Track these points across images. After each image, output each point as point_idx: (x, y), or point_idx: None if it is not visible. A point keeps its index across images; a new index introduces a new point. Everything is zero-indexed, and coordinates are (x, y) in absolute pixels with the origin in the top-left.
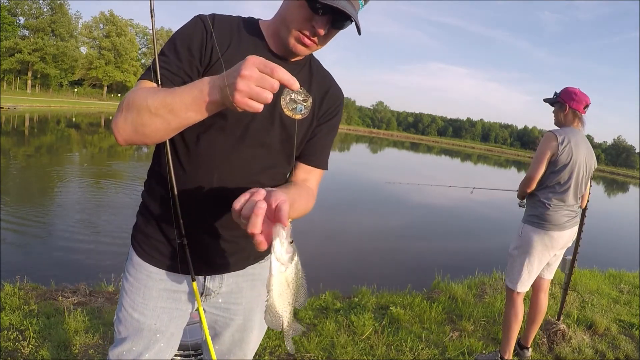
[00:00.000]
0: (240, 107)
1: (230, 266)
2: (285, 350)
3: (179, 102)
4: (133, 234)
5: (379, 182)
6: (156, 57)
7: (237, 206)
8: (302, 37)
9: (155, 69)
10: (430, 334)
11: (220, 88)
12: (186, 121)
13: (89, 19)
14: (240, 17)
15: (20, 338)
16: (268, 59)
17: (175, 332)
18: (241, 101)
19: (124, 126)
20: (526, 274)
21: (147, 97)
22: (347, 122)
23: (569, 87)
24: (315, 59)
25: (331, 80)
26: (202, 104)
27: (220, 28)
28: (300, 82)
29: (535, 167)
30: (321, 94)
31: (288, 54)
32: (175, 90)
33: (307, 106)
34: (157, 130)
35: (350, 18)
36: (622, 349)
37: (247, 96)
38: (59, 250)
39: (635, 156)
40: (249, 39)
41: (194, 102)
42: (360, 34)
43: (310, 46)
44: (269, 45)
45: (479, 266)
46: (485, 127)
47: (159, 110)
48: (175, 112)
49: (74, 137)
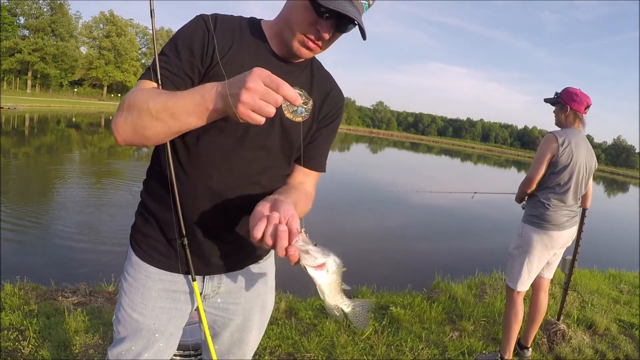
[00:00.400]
0: (242, 118)
1: (229, 266)
2: (285, 350)
3: (181, 106)
4: (132, 234)
5: (378, 182)
6: (156, 57)
7: (258, 235)
8: (306, 40)
9: (156, 69)
10: (430, 334)
11: (223, 96)
12: (187, 126)
13: (89, 19)
14: (243, 18)
15: (20, 338)
16: (270, 60)
17: (174, 332)
18: (244, 113)
19: (124, 127)
20: (526, 273)
21: (149, 99)
22: (347, 122)
23: (569, 88)
24: (316, 60)
25: (332, 83)
26: (204, 111)
27: (222, 28)
28: (302, 83)
29: (535, 168)
30: (322, 97)
31: (290, 56)
32: (177, 95)
33: (307, 109)
34: (157, 133)
35: (355, 22)
36: (622, 349)
37: (251, 109)
38: (59, 250)
39: (635, 156)
40: (251, 40)
41: (195, 108)
42: (365, 38)
43: (314, 49)
44: (271, 46)
45: (479, 266)
46: (485, 127)
47: (160, 113)
48: (176, 117)
49: (74, 137)
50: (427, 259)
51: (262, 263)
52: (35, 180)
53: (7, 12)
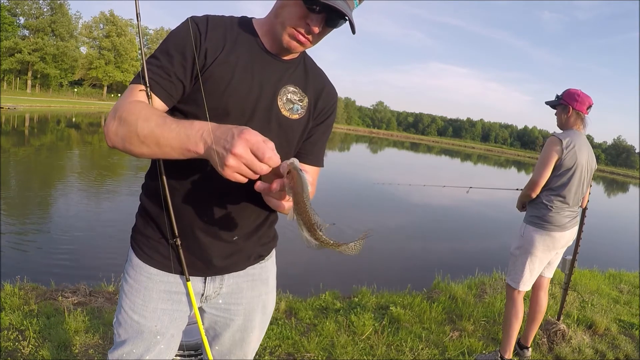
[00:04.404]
0: (226, 177)
1: (231, 267)
2: (285, 350)
3: (166, 138)
4: (132, 236)
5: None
6: (143, 61)
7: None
8: (296, 34)
9: (144, 75)
10: (430, 334)
11: (207, 147)
12: (169, 156)
13: (89, 19)
14: (234, 17)
15: (20, 338)
16: (263, 57)
17: (176, 334)
18: (230, 175)
19: (115, 138)
20: (528, 273)
21: (138, 120)
22: (347, 122)
23: (571, 89)
24: (309, 57)
25: (325, 79)
26: (185, 152)
27: (214, 30)
28: (296, 80)
29: (540, 171)
30: (317, 93)
31: (282, 52)
32: (166, 125)
33: (303, 106)
34: (142, 154)
35: (345, 17)
36: (622, 349)
37: (236, 172)
38: (59, 250)
39: (635, 156)
40: (243, 38)
41: (179, 146)
42: (354, 32)
43: (305, 43)
44: (263, 43)
45: (479, 266)
46: (485, 127)
47: (147, 139)
48: (160, 147)
49: (74, 137)
50: (427, 259)
51: (264, 263)
52: (35, 180)
53: (7, 12)
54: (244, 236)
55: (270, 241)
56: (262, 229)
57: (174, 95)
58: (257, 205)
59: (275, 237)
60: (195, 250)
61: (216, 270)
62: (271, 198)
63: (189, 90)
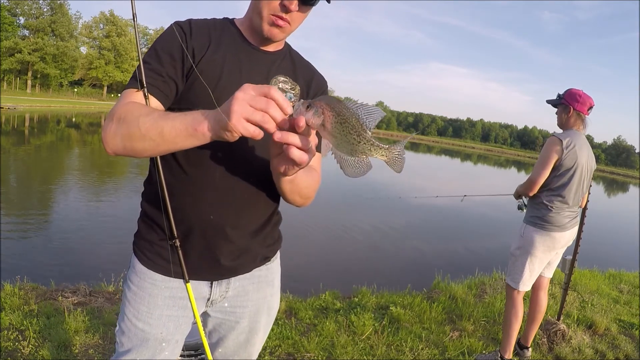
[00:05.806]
0: (236, 130)
1: (238, 268)
2: (285, 350)
3: (170, 126)
4: (135, 241)
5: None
6: (140, 61)
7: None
8: (274, 19)
9: (141, 78)
10: (430, 334)
11: (215, 118)
12: (175, 147)
13: (89, 19)
14: (216, 19)
15: (20, 338)
16: (249, 51)
17: (180, 339)
18: (241, 126)
19: (114, 141)
20: (528, 273)
21: (139, 116)
22: None
23: (572, 89)
24: (294, 50)
25: (313, 69)
26: (193, 132)
27: (198, 30)
28: (284, 71)
29: (539, 171)
30: (307, 82)
31: (265, 43)
32: (169, 115)
33: (295, 94)
34: (144, 149)
35: None
36: (622, 349)
37: (243, 117)
38: (59, 250)
39: (635, 156)
40: (227, 35)
41: (185, 129)
42: (329, 1)
43: (284, 27)
44: (247, 38)
45: (479, 266)
46: (485, 127)
47: (150, 132)
48: (165, 136)
49: (74, 137)
50: (427, 259)
51: (269, 265)
52: (35, 180)
53: (7, 12)
54: (250, 234)
55: (275, 242)
56: (266, 228)
57: (169, 95)
58: (261, 202)
59: (280, 238)
60: (202, 252)
61: (223, 272)
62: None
63: (182, 89)
